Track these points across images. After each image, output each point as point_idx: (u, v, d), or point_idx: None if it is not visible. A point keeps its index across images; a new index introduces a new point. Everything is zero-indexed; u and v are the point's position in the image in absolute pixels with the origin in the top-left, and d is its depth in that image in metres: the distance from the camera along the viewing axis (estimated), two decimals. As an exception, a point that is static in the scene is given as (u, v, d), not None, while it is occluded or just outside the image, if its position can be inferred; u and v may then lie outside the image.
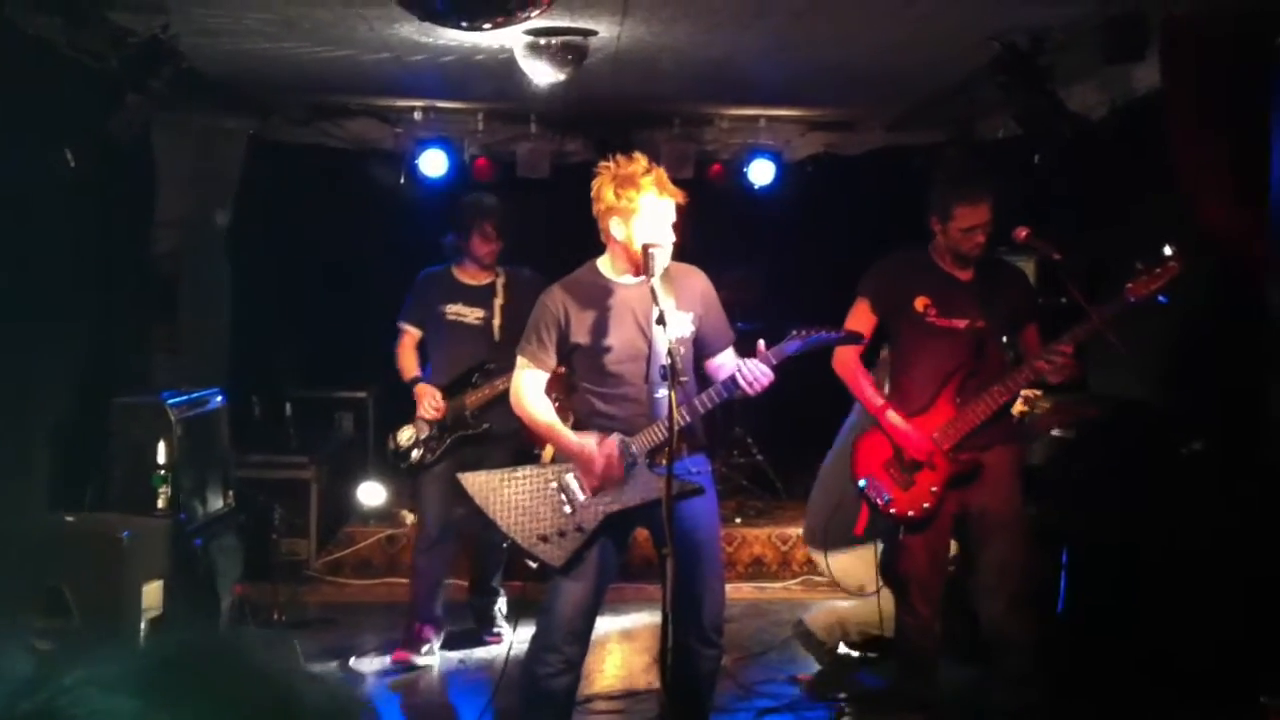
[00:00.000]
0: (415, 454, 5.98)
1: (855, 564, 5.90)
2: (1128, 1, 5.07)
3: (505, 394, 5.69)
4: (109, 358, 6.56)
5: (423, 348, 6.20)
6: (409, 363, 6.15)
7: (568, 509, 4.20)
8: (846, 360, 4.95)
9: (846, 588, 6.08)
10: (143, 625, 5.08)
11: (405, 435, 6.02)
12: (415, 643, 6.03)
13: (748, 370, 4.03)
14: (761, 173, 8.77)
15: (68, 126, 5.61)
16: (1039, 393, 5.76)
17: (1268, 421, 4.77)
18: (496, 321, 6.02)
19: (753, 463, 8.76)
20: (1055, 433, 5.83)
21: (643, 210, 4.10)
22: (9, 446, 5.54)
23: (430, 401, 5.94)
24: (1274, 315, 4.75)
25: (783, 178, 8.86)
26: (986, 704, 5.05)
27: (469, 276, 6.12)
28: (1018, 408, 5.33)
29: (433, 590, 6.10)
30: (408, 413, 6.07)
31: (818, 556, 6.04)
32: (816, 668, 5.97)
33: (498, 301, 6.05)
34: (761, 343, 4.11)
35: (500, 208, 6.14)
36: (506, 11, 3.17)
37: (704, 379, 4.32)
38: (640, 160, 4.18)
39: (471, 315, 6.04)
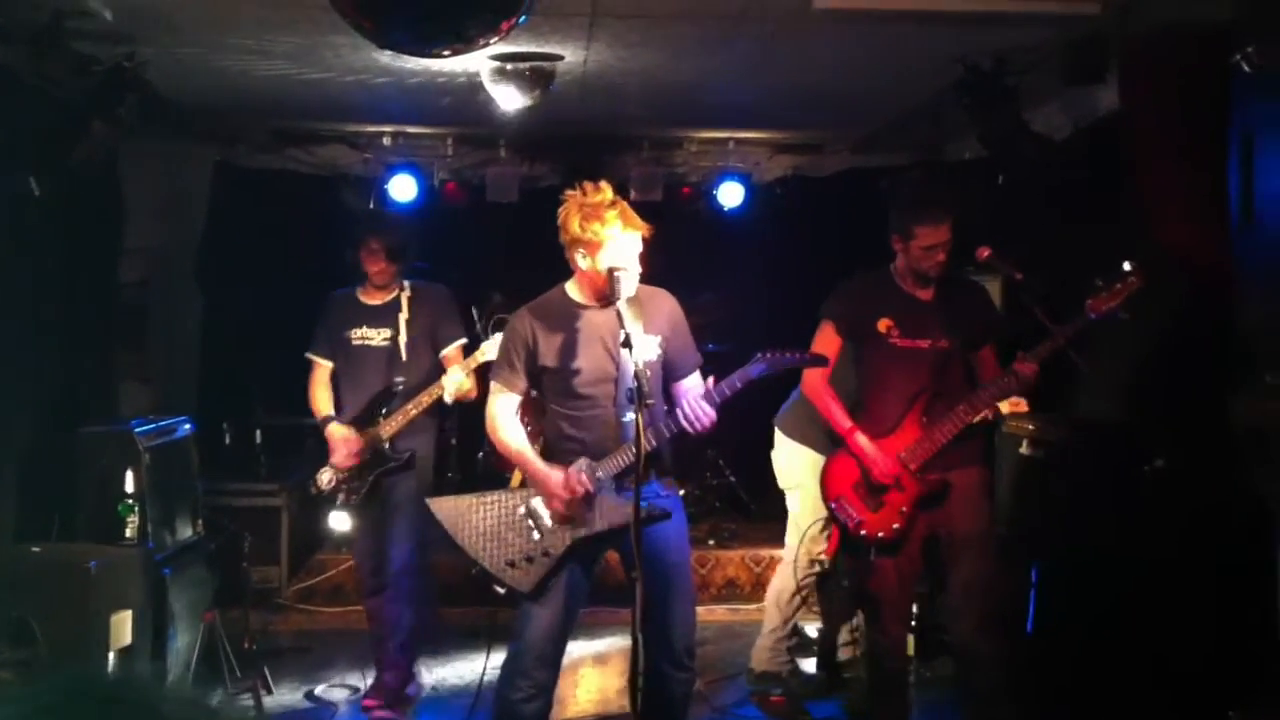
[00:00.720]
0: (340, 497, 5.65)
1: (797, 459, 5.76)
2: (1087, 24, 5.13)
3: (419, 418, 5.56)
4: (76, 386, 6.53)
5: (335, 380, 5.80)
6: (322, 399, 5.73)
7: (535, 534, 4.20)
8: (814, 383, 4.98)
9: (777, 470, 5.97)
10: (111, 656, 5.04)
11: (325, 478, 5.64)
12: (387, 693, 5.73)
13: (688, 408, 4.07)
14: (731, 195, 8.81)
15: (32, 154, 5.58)
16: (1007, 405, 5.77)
17: (1231, 439, 4.80)
18: (403, 339, 5.63)
19: (725, 484, 8.77)
20: (1024, 451, 5.85)
21: (607, 244, 4.10)
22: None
23: (345, 450, 5.57)
24: (1236, 332, 4.79)
25: (752, 200, 8.91)
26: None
27: (370, 296, 5.73)
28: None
29: (394, 631, 5.68)
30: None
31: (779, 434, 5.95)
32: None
33: (403, 318, 5.65)
34: (711, 379, 4.16)
35: (392, 224, 5.90)
36: (465, 39, 3.17)
37: (672, 401, 4.33)
38: (606, 191, 4.15)
39: (377, 337, 5.66)
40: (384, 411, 5.59)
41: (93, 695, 0.94)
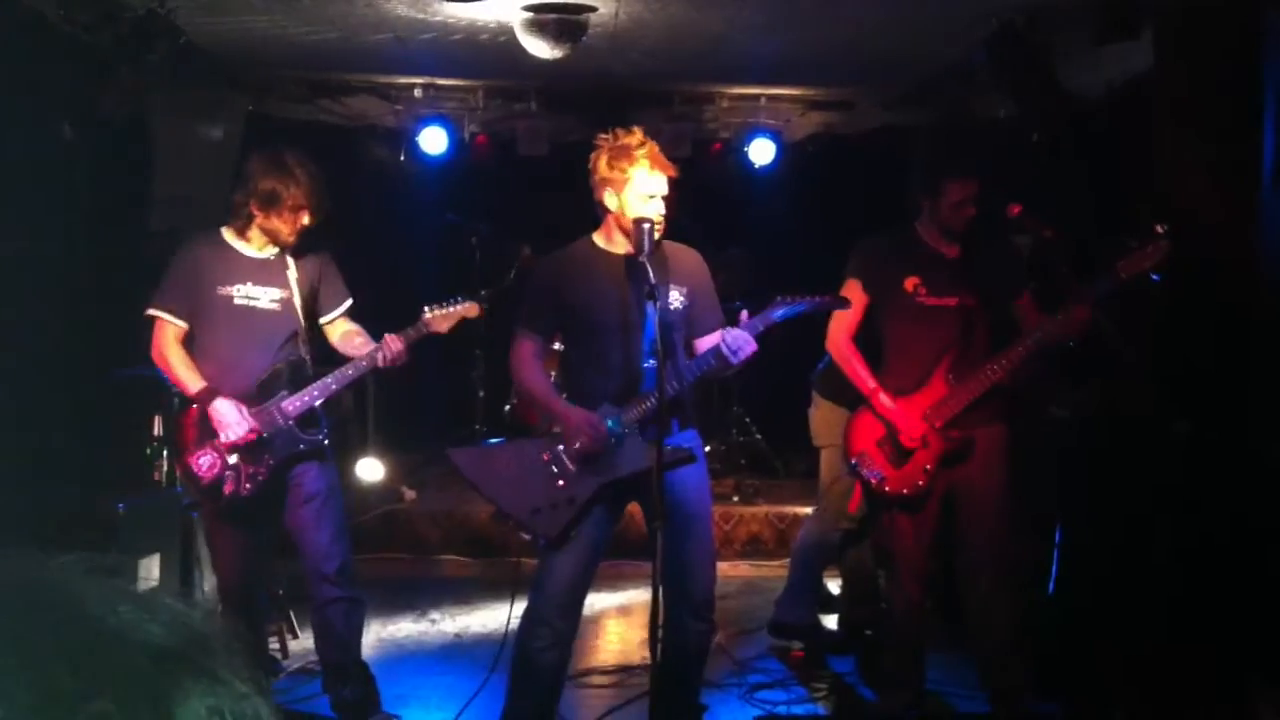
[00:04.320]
0: (227, 487, 4.54)
1: (833, 418, 5.75)
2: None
3: (330, 399, 4.77)
4: (105, 333, 6.58)
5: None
6: (187, 368, 4.57)
7: (560, 481, 4.21)
8: (839, 341, 4.95)
9: (812, 429, 6.00)
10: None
11: (206, 462, 4.54)
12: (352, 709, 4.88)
13: (730, 339, 4.05)
14: (761, 152, 8.75)
15: (63, 101, 5.60)
16: None
17: (1254, 406, 4.77)
18: (298, 302, 4.69)
19: (751, 442, 8.78)
20: (1050, 411, 5.83)
21: (634, 182, 4.14)
22: (4, 421, 5.56)
23: (240, 426, 4.49)
24: (1262, 299, 4.75)
25: (782, 157, 8.85)
26: (971, 682, 5.08)
27: (252, 246, 4.67)
28: None
29: (356, 636, 4.89)
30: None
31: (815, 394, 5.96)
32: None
33: (293, 275, 4.70)
34: (745, 312, 4.18)
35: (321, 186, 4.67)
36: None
37: (693, 355, 4.34)
38: (636, 133, 4.22)
39: (265, 298, 4.64)
40: (287, 381, 4.65)
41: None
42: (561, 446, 4.23)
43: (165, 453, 5.52)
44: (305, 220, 4.59)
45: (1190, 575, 4.84)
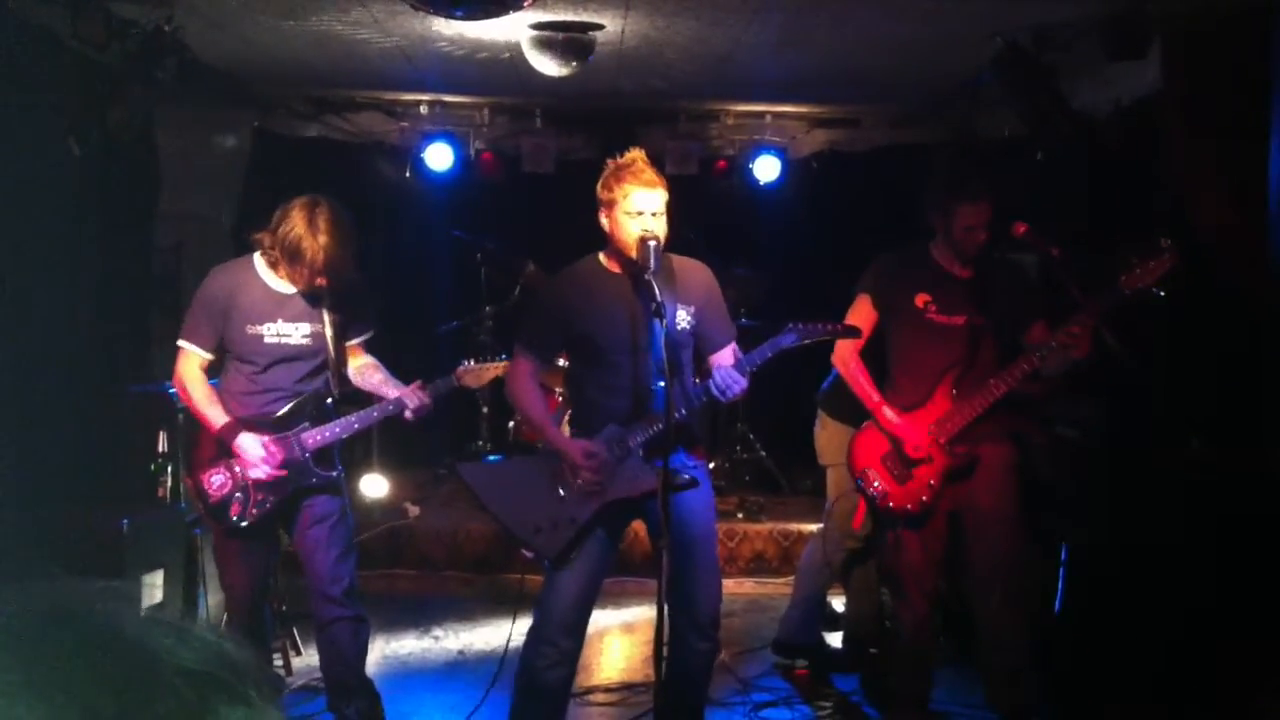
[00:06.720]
0: (233, 509, 4.51)
1: (839, 437, 5.73)
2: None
3: (351, 435, 4.70)
4: (111, 350, 6.58)
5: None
6: (211, 401, 4.52)
7: (562, 500, 4.20)
8: (845, 357, 4.96)
9: (818, 448, 5.99)
10: (142, 614, 5.07)
11: (217, 482, 4.51)
12: None
13: (720, 379, 4.07)
14: (766, 169, 8.76)
15: (70, 117, 5.62)
16: None
17: (1268, 421, 4.75)
18: (330, 335, 4.58)
19: (756, 459, 8.77)
20: (1056, 430, 5.82)
21: (623, 201, 4.11)
22: (9, 436, 5.56)
23: (269, 464, 4.47)
24: (1274, 312, 4.74)
25: (788, 174, 8.86)
26: (977, 701, 5.06)
27: (283, 279, 4.54)
28: None
29: (361, 655, 4.84)
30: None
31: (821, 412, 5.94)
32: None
33: (325, 308, 4.57)
34: (734, 348, 4.22)
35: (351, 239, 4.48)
36: (499, 2, 3.18)
37: (705, 374, 4.33)
38: (631, 153, 4.20)
39: (296, 334, 4.55)
40: (310, 413, 4.61)
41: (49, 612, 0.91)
42: (564, 466, 4.22)
43: (170, 469, 5.51)
44: (320, 282, 4.44)
45: (1199, 593, 4.82)
